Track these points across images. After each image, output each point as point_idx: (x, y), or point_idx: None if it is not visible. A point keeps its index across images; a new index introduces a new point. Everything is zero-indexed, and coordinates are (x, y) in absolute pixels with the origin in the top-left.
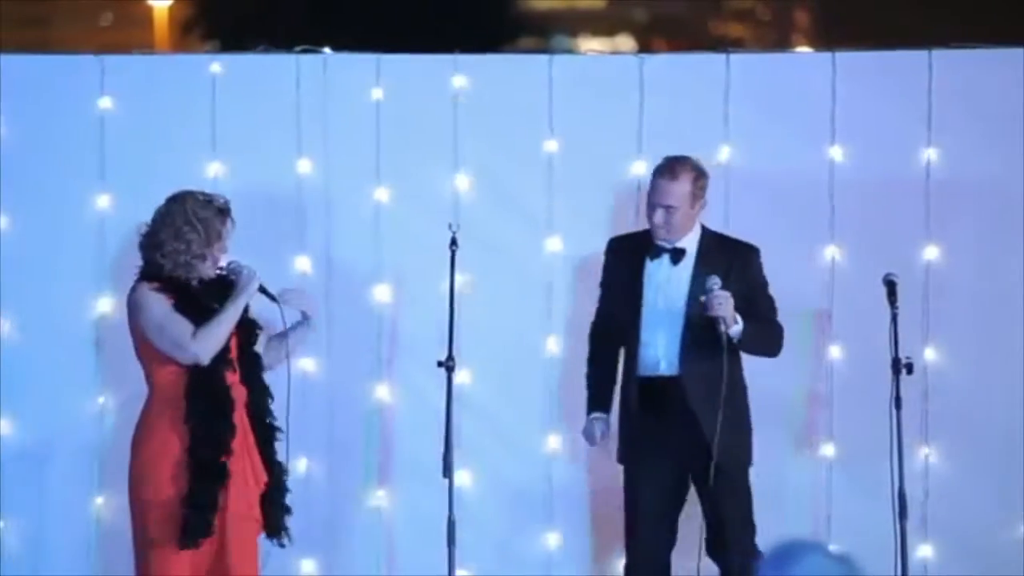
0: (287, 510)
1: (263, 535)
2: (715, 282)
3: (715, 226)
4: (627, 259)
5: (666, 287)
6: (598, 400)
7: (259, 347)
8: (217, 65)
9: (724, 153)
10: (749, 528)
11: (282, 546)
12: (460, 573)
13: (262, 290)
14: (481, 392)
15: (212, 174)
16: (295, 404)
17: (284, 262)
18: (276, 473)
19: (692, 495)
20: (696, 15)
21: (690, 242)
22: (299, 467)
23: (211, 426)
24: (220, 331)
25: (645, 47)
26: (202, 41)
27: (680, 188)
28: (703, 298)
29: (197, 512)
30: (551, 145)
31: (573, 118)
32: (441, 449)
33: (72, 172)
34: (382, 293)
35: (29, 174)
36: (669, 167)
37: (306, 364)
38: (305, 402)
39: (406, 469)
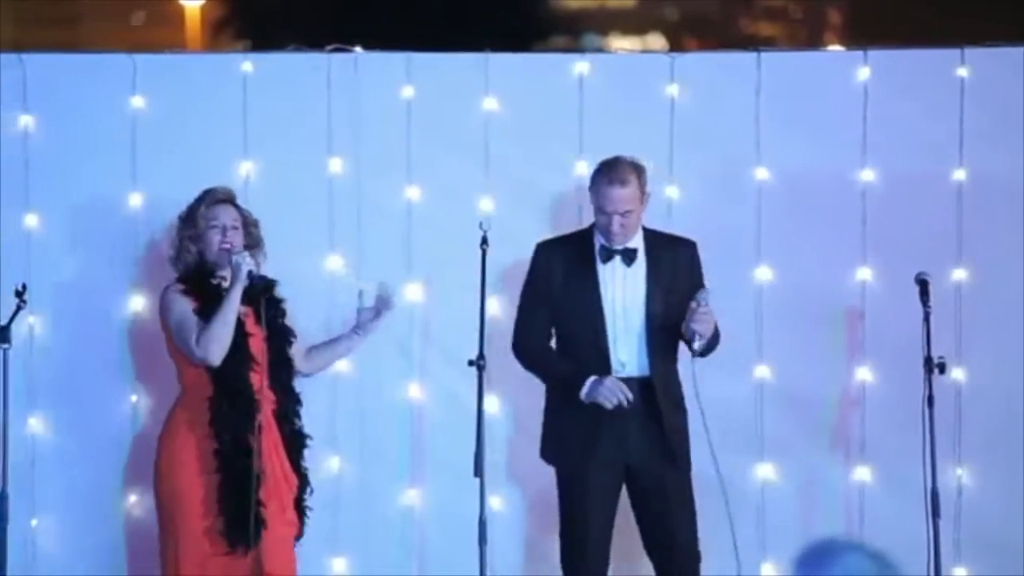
0: (304, 513)
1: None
2: (706, 297)
3: (748, 224)
4: (569, 263)
5: (623, 288)
6: (571, 370)
7: (294, 352)
8: (248, 64)
9: (755, 152)
10: (695, 530)
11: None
12: (492, 572)
13: (250, 277)
14: (508, 391)
15: (243, 173)
16: (327, 404)
17: (315, 261)
18: (303, 478)
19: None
20: (727, 13)
21: (638, 241)
22: (331, 466)
23: (235, 429)
24: (219, 329)
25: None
26: (234, 40)
27: (633, 192)
28: (693, 304)
29: (236, 518)
30: (582, 144)
31: (603, 117)
32: (473, 448)
33: (104, 171)
34: (413, 292)
35: (61, 173)
36: (618, 174)
37: (338, 364)
38: (336, 401)
39: (438, 468)
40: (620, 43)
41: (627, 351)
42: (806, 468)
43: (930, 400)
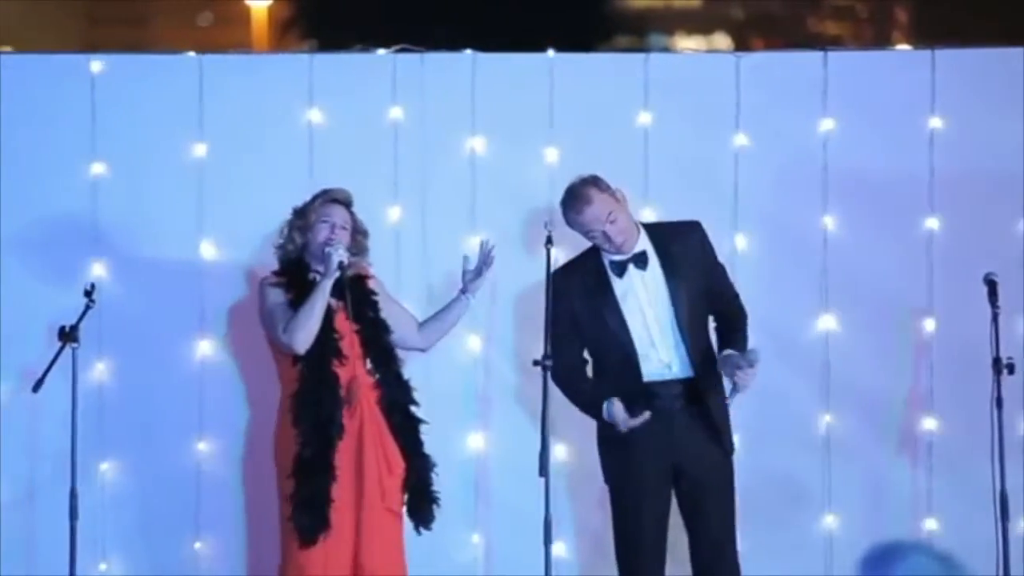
0: (433, 499)
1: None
2: (756, 357)
3: (815, 223)
4: (585, 287)
5: (646, 294)
6: (597, 394)
7: (405, 333)
8: (314, 64)
9: (822, 152)
10: (733, 527)
11: (418, 533)
12: (557, 572)
13: (341, 268)
14: None
15: (309, 173)
16: None
17: (379, 269)
18: (419, 466)
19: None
20: (793, 12)
21: (643, 242)
22: None
23: (316, 420)
24: (305, 317)
25: (742, 45)
26: (300, 40)
27: (603, 201)
28: (744, 363)
29: (304, 510)
30: (647, 143)
31: (669, 117)
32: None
33: (174, 169)
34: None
35: (128, 168)
36: (579, 200)
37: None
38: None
39: (503, 467)
40: (686, 43)
41: (668, 353)
42: (872, 467)
43: (999, 401)
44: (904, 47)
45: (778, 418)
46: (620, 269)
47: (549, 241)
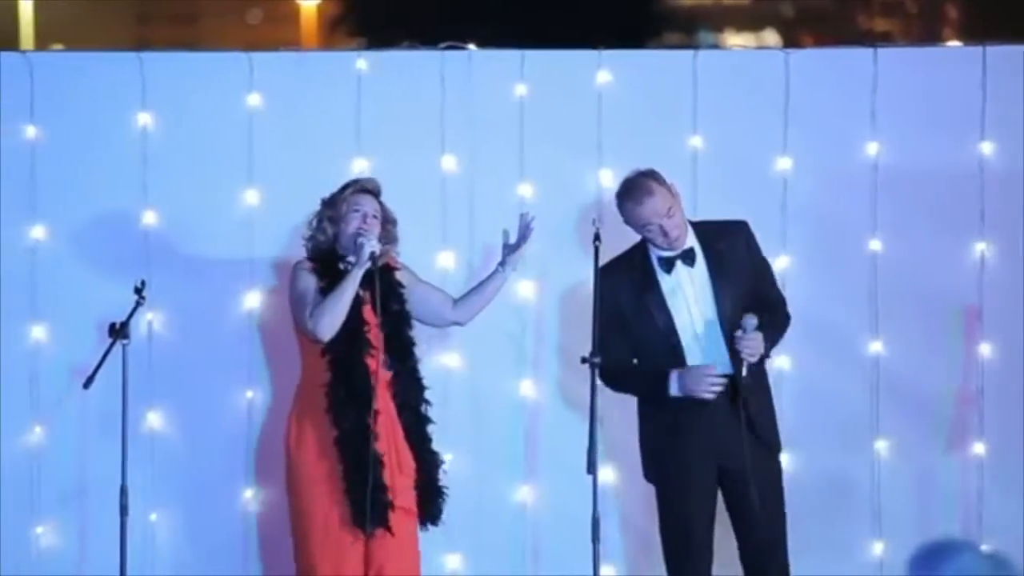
0: (440, 495)
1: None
2: (751, 323)
3: (865, 221)
4: (633, 284)
5: (692, 290)
6: (656, 372)
7: (438, 304)
8: (363, 62)
9: (872, 149)
10: (784, 525)
11: (425, 528)
12: (605, 570)
13: (372, 258)
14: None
15: (357, 170)
16: (439, 398)
17: (428, 257)
18: (428, 462)
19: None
20: (843, 9)
21: (691, 239)
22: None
23: (354, 415)
24: (333, 304)
25: (791, 41)
26: (349, 38)
27: (662, 195)
28: (738, 332)
29: (361, 502)
30: (695, 141)
31: (718, 114)
32: (586, 444)
33: (220, 169)
34: (526, 289)
35: (178, 170)
36: (640, 191)
37: (450, 359)
38: (448, 396)
39: (551, 465)
40: (735, 39)
41: (712, 350)
42: (921, 463)
43: None
44: (954, 43)
45: (825, 416)
46: (668, 265)
47: (597, 238)
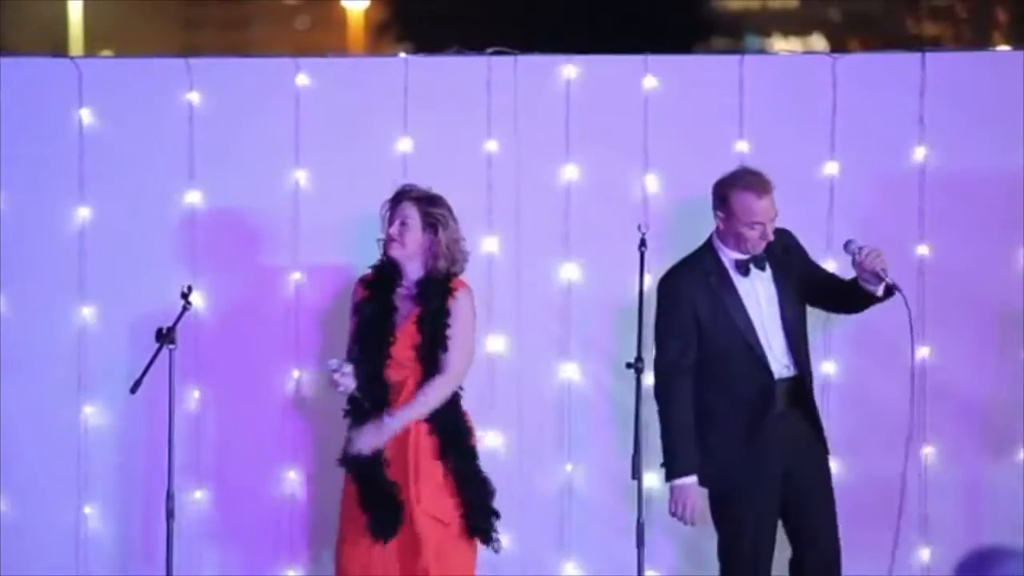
0: (494, 514)
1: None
2: (855, 243)
3: (912, 226)
4: (710, 288)
5: (764, 293)
6: (689, 453)
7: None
8: (410, 66)
9: (919, 154)
10: (836, 526)
11: (495, 551)
12: (649, 573)
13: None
14: None
15: (403, 174)
16: (486, 384)
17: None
18: (476, 482)
19: None
20: (891, 13)
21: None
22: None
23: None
24: None
25: (838, 46)
26: (396, 43)
27: (772, 202)
28: (855, 257)
29: (372, 512)
30: (742, 145)
31: (764, 119)
32: (631, 450)
33: (270, 169)
34: (570, 273)
35: (226, 170)
36: (764, 186)
37: (495, 344)
38: (494, 380)
39: (592, 446)
40: (782, 44)
41: (782, 353)
42: (969, 469)
43: None
44: (1003, 48)
45: (873, 422)
46: (745, 269)
47: (643, 244)
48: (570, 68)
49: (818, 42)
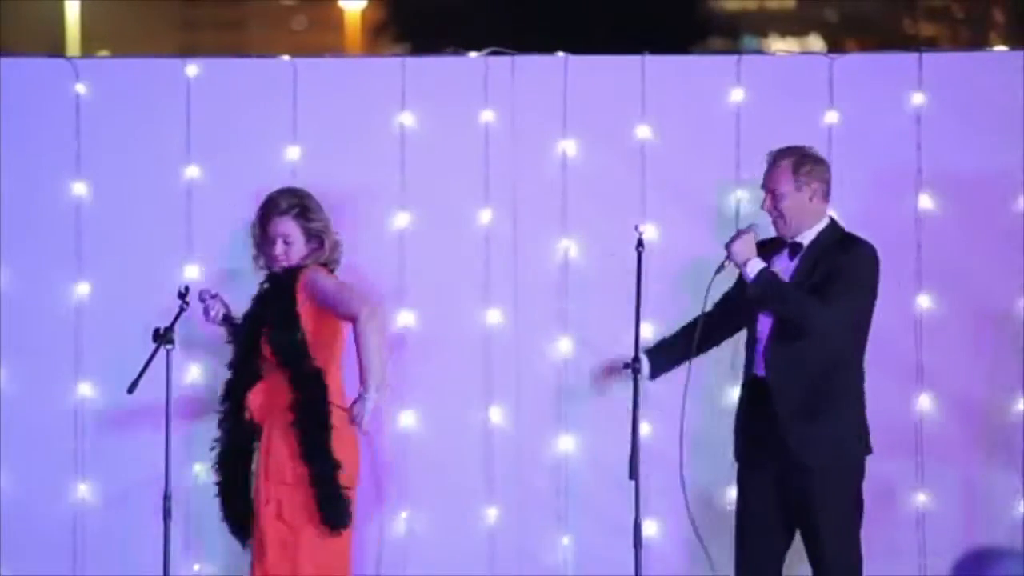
0: (340, 500)
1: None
2: (753, 227)
3: (908, 226)
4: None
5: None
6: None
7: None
8: (407, 67)
9: (916, 152)
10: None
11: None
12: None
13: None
14: (666, 393)
15: (400, 176)
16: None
17: (469, 271)
18: (318, 467)
19: None
20: (888, 14)
21: (808, 236)
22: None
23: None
24: None
25: (836, 47)
26: (393, 43)
27: (778, 172)
28: (744, 229)
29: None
30: (739, 144)
31: (761, 118)
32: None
33: (266, 170)
34: (568, 248)
35: (221, 172)
36: (773, 154)
37: (493, 316)
38: (490, 353)
39: (589, 420)
40: (779, 44)
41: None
42: (967, 475)
43: None
44: (1000, 48)
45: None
46: (777, 249)
47: (640, 244)
48: (567, 68)
49: (815, 42)
